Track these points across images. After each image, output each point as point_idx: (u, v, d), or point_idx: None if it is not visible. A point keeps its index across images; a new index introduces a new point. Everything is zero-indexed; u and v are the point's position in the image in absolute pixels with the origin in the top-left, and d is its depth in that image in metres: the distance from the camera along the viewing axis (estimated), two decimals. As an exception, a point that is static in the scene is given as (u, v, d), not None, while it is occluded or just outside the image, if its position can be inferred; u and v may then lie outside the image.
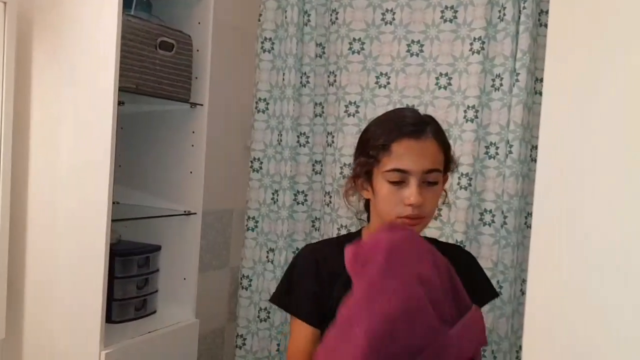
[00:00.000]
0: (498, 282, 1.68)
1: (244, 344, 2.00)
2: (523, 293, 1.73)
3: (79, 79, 1.37)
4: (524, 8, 1.65)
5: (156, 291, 1.70)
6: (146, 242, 1.72)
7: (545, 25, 1.71)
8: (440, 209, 1.57)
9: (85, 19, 1.35)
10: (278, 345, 1.98)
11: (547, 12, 1.71)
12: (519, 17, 1.68)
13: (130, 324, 1.59)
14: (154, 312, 1.69)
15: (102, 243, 1.34)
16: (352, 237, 1.27)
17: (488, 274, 1.71)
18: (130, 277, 1.60)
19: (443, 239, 1.76)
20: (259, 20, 1.99)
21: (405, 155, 1.10)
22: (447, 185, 1.24)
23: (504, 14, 1.69)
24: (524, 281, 1.73)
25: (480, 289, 1.26)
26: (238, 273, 2.05)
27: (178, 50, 1.56)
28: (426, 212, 1.13)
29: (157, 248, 1.70)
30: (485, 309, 1.70)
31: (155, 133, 1.74)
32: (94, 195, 1.34)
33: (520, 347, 1.73)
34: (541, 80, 1.72)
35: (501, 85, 1.70)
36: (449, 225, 1.75)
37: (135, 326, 1.57)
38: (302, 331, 1.20)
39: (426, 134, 1.12)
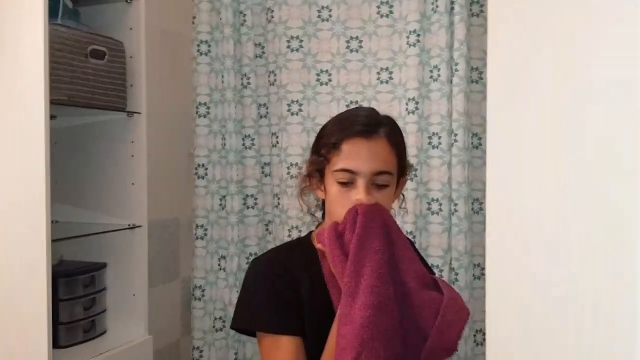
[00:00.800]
0: (453, 268, 1.70)
1: (200, 356, 1.95)
2: (476, 278, 1.76)
3: (7, 94, 1.29)
4: (457, -1, 1.68)
5: (105, 310, 1.63)
6: (90, 260, 1.64)
7: (477, 16, 1.75)
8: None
9: (8, 31, 1.28)
10: (236, 354, 1.94)
11: (477, 2, 1.75)
12: (452, 8, 1.70)
13: (80, 347, 1.51)
14: (104, 332, 1.62)
15: (43, 265, 1.27)
16: (302, 241, 1.20)
17: (439, 261, 1.74)
18: (76, 299, 1.52)
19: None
20: (193, 23, 1.94)
21: (353, 155, 1.05)
22: (404, 190, 1.20)
23: (437, 6, 1.71)
24: (475, 266, 1.76)
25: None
26: (190, 284, 2.00)
27: (110, 58, 1.50)
28: None
29: (103, 265, 1.63)
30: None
31: (91, 145, 1.66)
32: (31, 216, 1.27)
33: (477, 332, 1.76)
34: (476, 69, 1.76)
35: (439, 76, 1.72)
36: (398, 217, 1.76)
37: (85, 349, 1.50)
38: (287, 346, 1.05)
39: (378, 135, 1.06)
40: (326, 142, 1.09)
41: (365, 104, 1.81)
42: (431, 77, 1.74)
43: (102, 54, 1.46)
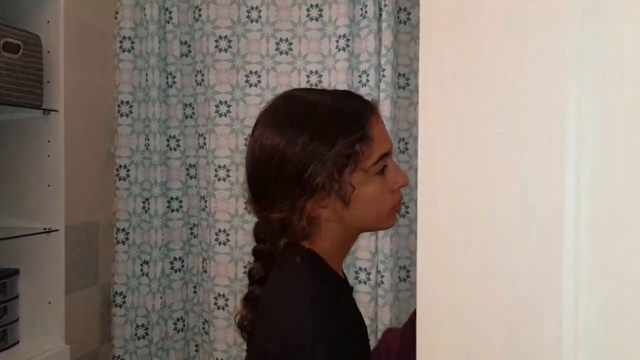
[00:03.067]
0: (379, 271, 1.73)
1: (122, 365, 1.87)
2: (401, 280, 1.79)
3: None
4: (385, 5, 1.70)
5: (17, 320, 1.53)
6: (2, 266, 1.54)
7: (404, 23, 1.79)
8: None
9: None
10: (159, 361, 1.88)
11: (405, 9, 1.79)
12: (380, 15, 1.73)
13: (-11, 360, 1.42)
14: (17, 342, 1.53)
15: (-53, 274, 1.17)
16: (318, 260, 0.92)
17: (367, 264, 1.76)
18: (-15, 308, 1.42)
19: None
20: (116, 18, 1.86)
21: (384, 136, 0.90)
22: None
23: (366, 12, 1.74)
24: (401, 269, 1.79)
25: None
26: (109, 290, 1.91)
27: (25, 52, 1.41)
28: None
29: (15, 272, 1.53)
30: (366, 298, 1.74)
31: (4, 145, 1.56)
32: None
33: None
34: (403, 75, 1.80)
35: (367, 81, 1.74)
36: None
37: (-5, 362, 1.41)
38: None
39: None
40: (347, 139, 0.87)
41: (294, 107, 1.81)
42: (360, 82, 1.76)
43: (16, 48, 1.37)
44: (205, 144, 1.85)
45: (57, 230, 1.55)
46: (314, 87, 1.80)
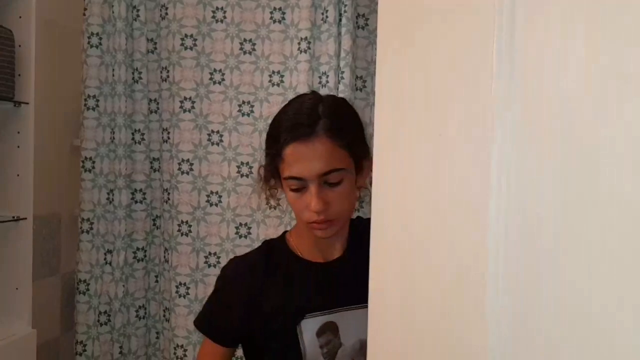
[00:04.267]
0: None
1: (84, 350, 1.93)
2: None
3: None
4: (345, 12, 1.82)
5: (-16, 305, 1.58)
6: (-31, 253, 1.58)
7: (362, 28, 1.91)
8: (362, 202, 1.53)
9: None
10: (120, 347, 1.94)
11: (363, 15, 1.91)
12: (340, 20, 1.84)
13: (-43, 343, 1.46)
14: (-17, 327, 1.57)
15: None
16: (276, 243, 1.19)
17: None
18: (-46, 293, 1.46)
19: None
20: (84, 14, 1.91)
21: (296, 162, 1.01)
22: (367, 178, 1.11)
23: (327, 17, 1.85)
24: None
25: None
26: (71, 279, 1.96)
27: (-1, 46, 1.46)
28: (334, 214, 1.04)
29: (-17, 259, 1.58)
30: None
31: (-27, 134, 1.60)
32: None
33: None
34: (360, 77, 1.91)
35: (327, 82, 1.86)
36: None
37: (-36, 345, 1.45)
38: (208, 347, 1.18)
39: (316, 134, 1.01)
40: (268, 151, 1.08)
41: (257, 105, 1.90)
42: (320, 82, 1.87)
43: (-10, 41, 1.42)
44: (169, 138, 1.92)
45: (25, 218, 1.60)
46: (275, 86, 1.90)
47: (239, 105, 1.90)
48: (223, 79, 1.91)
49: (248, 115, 1.91)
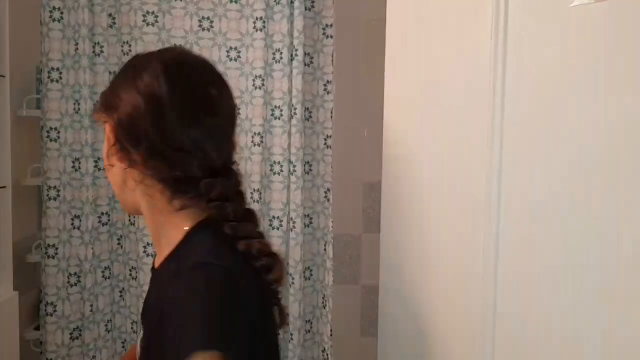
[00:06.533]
0: (291, 218, 2.06)
1: (55, 311, 2.04)
2: (306, 226, 2.15)
3: None
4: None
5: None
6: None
7: (309, 10, 2.10)
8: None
9: None
10: (91, 306, 2.08)
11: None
12: (292, 2, 2.03)
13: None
14: (-31, 290, 1.66)
15: None
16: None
17: (280, 213, 2.09)
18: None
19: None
20: (44, -12, 1.97)
21: None
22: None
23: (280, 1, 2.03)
24: (305, 216, 2.14)
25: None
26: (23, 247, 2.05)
27: (-19, 21, 1.53)
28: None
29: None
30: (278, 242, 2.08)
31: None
32: None
33: (306, 321, 2.15)
34: (308, 54, 2.12)
35: (281, 58, 2.05)
36: (247, 177, 2.07)
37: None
38: None
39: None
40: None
41: (215, 78, 2.06)
42: (274, 58, 2.06)
43: (-24, 17, 1.49)
44: (133, 109, 2.04)
45: (4, 187, 1.69)
46: (232, 61, 2.07)
47: (199, 79, 2.05)
48: (183, 54, 2.05)
49: (207, 87, 2.07)
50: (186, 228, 0.91)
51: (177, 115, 0.87)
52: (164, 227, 0.94)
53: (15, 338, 1.79)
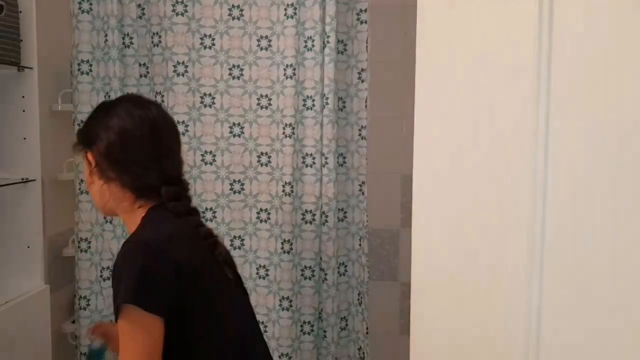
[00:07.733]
0: (324, 212, 1.99)
1: (88, 305, 2.03)
2: (340, 220, 2.07)
3: None
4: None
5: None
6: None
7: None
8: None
9: None
10: (123, 300, 2.06)
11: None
12: (324, -12, 1.95)
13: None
14: (-1, 284, 1.66)
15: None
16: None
17: (311, 207, 2.02)
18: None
19: (273, 183, 2.02)
20: (73, -20, 1.95)
21: None
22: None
23: (310, -16, 1.95)
24: (339, 210, 2.07)
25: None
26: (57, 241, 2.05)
27: (7, 12, 1.51)
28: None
29: (-5, 219, 1.65)
30: (310, 292, 2.00)
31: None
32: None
33: (341, 318, 2.08)
34: (341, 41, 2.04)
35: (313, 46, 1.97)
36: (278, 169, 2.01)
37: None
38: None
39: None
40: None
41: (246, 69, 2.01)
42: (305, 46, 1.98)
43: (0, 8, 1.47)
44: (163, 101, 2.01)
45: (34, 180, 1.68)
46: (263, 50, 2.00)
47: (229, 69, 2.00)
48: (213, 44, 2.00)
49: (238, 78, 2.01)
50: (142, 215, 1.24)
51: (139, 144, 1.22)
52: (131, 220, 1.25)
53: (47, 331, 1.79)
